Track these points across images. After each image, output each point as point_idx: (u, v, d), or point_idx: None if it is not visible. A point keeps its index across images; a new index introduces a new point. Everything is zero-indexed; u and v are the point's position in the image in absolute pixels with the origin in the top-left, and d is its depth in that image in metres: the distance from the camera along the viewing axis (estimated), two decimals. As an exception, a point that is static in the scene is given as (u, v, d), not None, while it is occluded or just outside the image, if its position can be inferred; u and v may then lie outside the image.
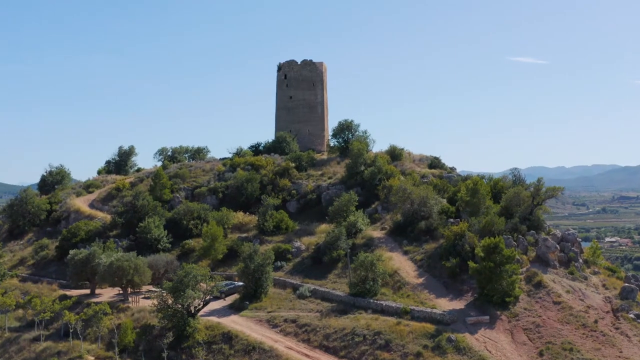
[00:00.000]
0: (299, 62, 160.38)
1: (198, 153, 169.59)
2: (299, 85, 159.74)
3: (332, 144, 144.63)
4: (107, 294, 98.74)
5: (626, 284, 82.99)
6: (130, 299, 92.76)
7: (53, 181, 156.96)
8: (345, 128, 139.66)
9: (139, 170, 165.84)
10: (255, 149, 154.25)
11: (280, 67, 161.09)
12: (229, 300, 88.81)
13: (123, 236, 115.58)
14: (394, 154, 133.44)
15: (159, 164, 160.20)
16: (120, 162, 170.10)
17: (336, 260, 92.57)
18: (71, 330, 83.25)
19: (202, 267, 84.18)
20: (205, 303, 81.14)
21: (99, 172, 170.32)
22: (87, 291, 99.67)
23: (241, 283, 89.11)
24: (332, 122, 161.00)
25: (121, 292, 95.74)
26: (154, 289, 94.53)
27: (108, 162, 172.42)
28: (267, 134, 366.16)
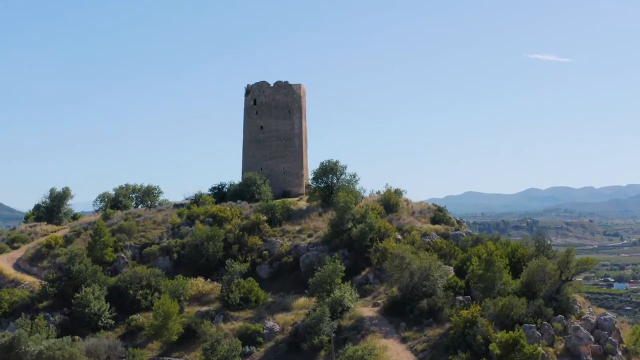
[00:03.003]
0: (272, 84, 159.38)
1: (148, 195, 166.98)
2: (272, 112, 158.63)
3: (312, 187, 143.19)
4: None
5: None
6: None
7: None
8: (328, 170, 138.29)
9: (75, 217, 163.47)
10: (218, 192, 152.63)
11: (248, 90, 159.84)
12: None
13: (56, 309, 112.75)
14: (389, 204, 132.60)
15: (100, 211, 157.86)
16: (53, 208, 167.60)
17: (318, 347, 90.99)
18: None
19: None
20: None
21: (27, 218, 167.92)
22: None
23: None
24: (312, 158, 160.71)
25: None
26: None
27: (38, 207, 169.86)
28: (232, 172, 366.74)
